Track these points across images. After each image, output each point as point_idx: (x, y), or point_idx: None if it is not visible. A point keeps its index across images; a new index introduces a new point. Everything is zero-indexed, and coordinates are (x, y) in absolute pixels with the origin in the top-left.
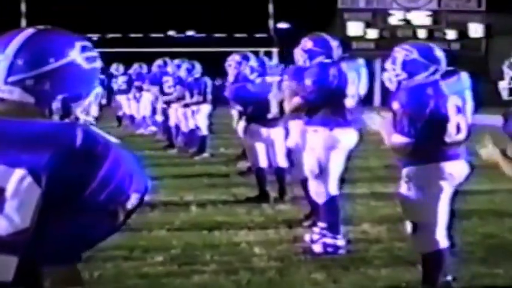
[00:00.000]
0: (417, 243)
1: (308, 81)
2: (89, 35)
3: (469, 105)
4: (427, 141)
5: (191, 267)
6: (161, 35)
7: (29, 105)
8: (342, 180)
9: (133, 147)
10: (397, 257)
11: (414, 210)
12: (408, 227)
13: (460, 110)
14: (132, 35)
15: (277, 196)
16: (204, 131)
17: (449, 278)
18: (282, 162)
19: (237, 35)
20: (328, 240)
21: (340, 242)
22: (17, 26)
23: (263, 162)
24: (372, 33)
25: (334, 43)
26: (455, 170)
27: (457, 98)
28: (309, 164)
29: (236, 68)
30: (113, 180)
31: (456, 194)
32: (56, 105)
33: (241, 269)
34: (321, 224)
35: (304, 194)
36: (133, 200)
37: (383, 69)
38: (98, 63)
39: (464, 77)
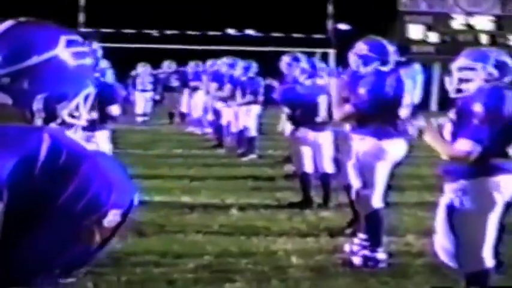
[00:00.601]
0: (462, 260)
1: (362, 90)
2: (147, 31)
3: None
4: (491, 152)
5: (223, 275)
6: (218, 33)
7: (7, 107)
8: (389, 187)
9: (181, 146)
10: (441, 273)
11: (463, 226)
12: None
13: None
14: (189, 32)
15: (321, 202)
16: (253, 131)
17: None
18: (328, 167)
19: (294, 35)
20: (369, 253)
21: (381, 255)
22: (74, 21)
23: (309, 167)
24: (433, 37)
25: (390, 48)
26: (510, 184)
27: None
28: (353, 174)
29: (286, 69)
30: (86, 193)
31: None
32: (37, 106)
33: (275, 278)
34: (362, 235)
35: (348, 201)
36: (111, 217)
37: (443, 74)
38: (88, 60)
39: None
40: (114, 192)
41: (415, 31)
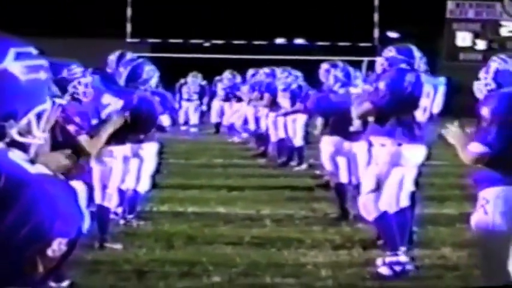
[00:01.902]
0: (487, 274)
1: (381, 84)
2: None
3: None
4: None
5: None
6: (264, 42)
7: None
8: (412, 194)
9: (222, 155)
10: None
11: (488, 237)
12: None
13: None
14: (236, 42)
15: (357, 214)
16: (299, 141)
17: None
18: None
19: (341, 44)
20: (390, 259)
21: (403, 258)
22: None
23: (344, 177)
24: (481, 44)
25: (417, 53)
26: None
27: None
28: (367, 179)
29: (324, 77)
30: (28, 221)
31: None
32: None
33: None
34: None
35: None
36: (55, 246)
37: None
38: (43, 74)
39: None
40: (59, 219)
41: (462, 38)
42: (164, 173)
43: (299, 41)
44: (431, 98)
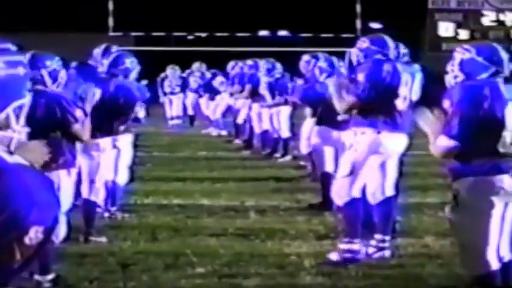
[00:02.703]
0: (466, 264)
1: (360, 77)
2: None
3: None
4: (478, 149)
5: (231, 281)
6: (248, 34)
7: None
8: (397, 187)
9: (206, 148)
10: (456, 275)
11: (462, 228)
12: None
13: None
14: (219, 34)
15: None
16: (285, 133)
17: None
18: None
19: (323, 35)
20: (343, 246)
21: (356, 246)
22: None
23: (330, 167)
24: (463, 34)
25: (391, 43)
26: (509, 184)
27: None
28: (344, 163)
29: (304, 68)
30: (4, 209)
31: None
32: None
33: (285, 285)
34: (378, 236)
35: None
36: (32, 234)
37: None
38: (21, 70)
39: None
40: (35, 207)
41: (445, 28)
42: (148, 165)
43: (282, 33)
44: (410, 86)
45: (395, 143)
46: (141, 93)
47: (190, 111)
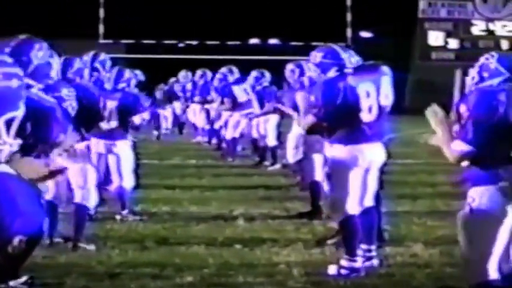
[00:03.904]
0: (466, 271)
1: (313, 99)
2: (169, 42)
3: None
4: (495, 156)
5: None
6: (238, 42)
7: None
8: (377, 194)
9: (195, 156)
10: (445, 286)
11: (471, 235)
12: None
13: None
14: (210, 42)
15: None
16: (272, 141)
17: None
18: None
19: (314, 44)
20: (344, 263)
21: (358, 264)
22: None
23: (319, 175)
24: (453, 43)
25: (344, 55)
26: None
27: None
28: (328, 181)
29: (290, 77)
30: None
31: None
32: None
33: None
34: (364, 246)
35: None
36: (15, 243)
37: (463, 81)
38: (15, 82)
39: None
40: (20, 217)
41: (435, 38)
42: (138, 173)
43: (273, 41)
44: (374, 95)
45: (372, 153)
46: (139, 104)
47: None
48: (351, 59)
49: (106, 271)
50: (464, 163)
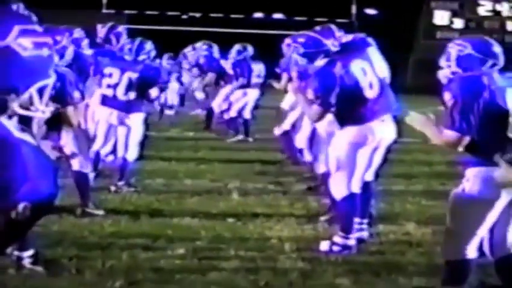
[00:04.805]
0: (445, 247)
1: (311, 91)
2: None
3: None
4: (488, 139)
5: (210, 263)
6: (241, 16)
7: None
8: (377, 176)
9: (193, 128)
10: (435, 265)
11: (460, 214)
12: None
13: None
14: (214, 15)
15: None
16: (247, 114)
17: None
18: None
19: (318, 19)
20: (338, 240)
21: (351, 242)
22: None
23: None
24: (458, 23)
25: (328, 41)
26: None
27: None
28: (331, 158)
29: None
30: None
31: None
32: None
33: (264, 268)
34: (356, 219)
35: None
36: (20, 209)
37: None
38: (46, 51)
39: None
40: (27, 184)
41: (440, 17)
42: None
43: (277, 15)
44: (370, 70)
45: (381, 130)
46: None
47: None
48: (334, 42)
49: (98, 241)
50: (460, 149)
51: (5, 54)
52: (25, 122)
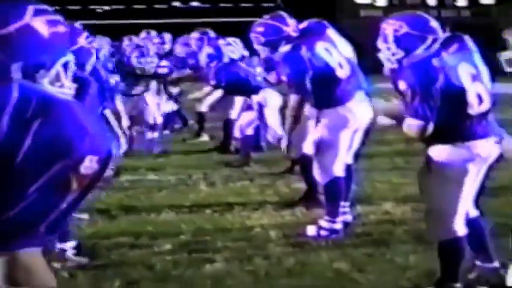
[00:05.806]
0: (431, 230)
1: (284, 78)
2: (93, 7)
3: (483, 70)
4: (449, 119)
5: (202, 256)
6: (164, 6)
7: None
8: (357, 157)
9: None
10: (425, 241)
11: (432, 194)
12: None
13: (475, 78)
14: (136, 7)
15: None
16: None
17: (496, 264)
18: None
19: (243, 5)
20: (324, 224)
21: (338, 225)
22: None
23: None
24: (381, 1)
25: (287, 28)
26: (484, 150)
27: (468, 65)
28: (313, 142)
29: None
30: (58, 136)
31: (487, 175)
32: (16, 76)
33: (256, 256)
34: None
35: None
36: (87, 163)
37: None
38: (62, 28)
39: (468, 40)
40: (89, 138)
41: None
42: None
43: (195, 3)
44: (335, 50)
45: (360, 111)
46: None
47: None
48: (293, 28)
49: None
50: (427, 134)
51: (26, 32)
52: None
